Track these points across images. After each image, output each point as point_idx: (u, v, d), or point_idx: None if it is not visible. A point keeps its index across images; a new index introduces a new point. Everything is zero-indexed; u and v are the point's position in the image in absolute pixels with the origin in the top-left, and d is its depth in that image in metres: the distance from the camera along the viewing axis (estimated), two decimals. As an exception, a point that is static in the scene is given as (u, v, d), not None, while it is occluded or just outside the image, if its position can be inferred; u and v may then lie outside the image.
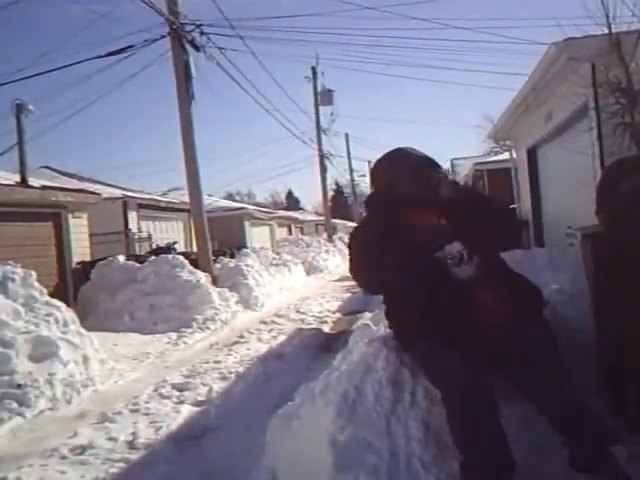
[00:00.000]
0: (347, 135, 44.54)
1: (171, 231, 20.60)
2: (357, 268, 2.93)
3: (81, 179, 19.55)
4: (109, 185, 20.06)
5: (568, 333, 3.12)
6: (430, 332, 2.69)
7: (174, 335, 9.53)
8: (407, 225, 2.82)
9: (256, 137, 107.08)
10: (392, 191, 2.90)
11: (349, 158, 46.09)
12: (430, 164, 2.94)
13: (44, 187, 12.14)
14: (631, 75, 5.91)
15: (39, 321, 6.98)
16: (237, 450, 4.32)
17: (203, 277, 11.78)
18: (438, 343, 2.66)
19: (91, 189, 15.21)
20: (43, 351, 6.36)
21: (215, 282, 12.40)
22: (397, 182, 2.88)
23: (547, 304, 2.99)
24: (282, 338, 8.97)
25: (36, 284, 7.85)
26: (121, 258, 12.31)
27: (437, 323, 2.66)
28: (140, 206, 18.13)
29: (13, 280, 7.60)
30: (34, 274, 7.95)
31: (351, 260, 2.97)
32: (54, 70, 12.89)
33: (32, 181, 12.16)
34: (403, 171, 2.89)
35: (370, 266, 2.83)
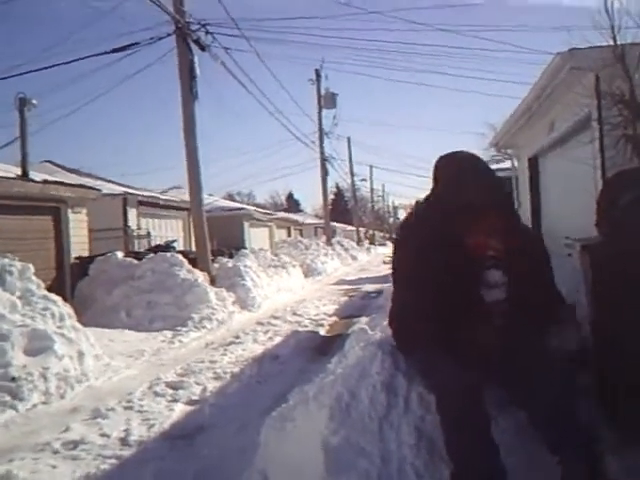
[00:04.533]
0: (349, 139, 44.68)
1: (170, 229, 20.57)
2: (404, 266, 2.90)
3: (82, 174, 19.52)
4: (110, 181, 20.03)
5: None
6: (437, 341, 2.68)
7: (170, 333, 9.52)
8: (460, 236, 2.76)
9: (258, 138, 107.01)
10: (454, 196, 2.81)
11: (350, 162, 46.23)
12: (496, 184, 2.96)
13: (45, 181, 12.13)
14: (634, 87, 5.91)
15: (35, 315, 6.97)
16: (230, 450, 4.31)
17: (201, 276, 11.77)
18: (438, 351, 2.66)
19: (92, 185, 15.19)
20: (38, 345, 6.35)
21: (213, 282, 12.40)
22: (462, 190, 2.80)
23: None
24: (278, 340, 8.97)
25: (34, 278, 7.86)
26: (119, 254, 12.31)
27: (448, 335, 2.64)
28: (140, 203, 18.10)
29: (11, 273, 7.60)
30: (32, 267, 7.96)
31: (398, 256, 2.96)
32: (59, 65, 12.92)
33: (33, 175, 12.15)
34: (472, 182, 2.82)
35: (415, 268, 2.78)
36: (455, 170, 2.91)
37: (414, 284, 2.78)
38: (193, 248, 15.15)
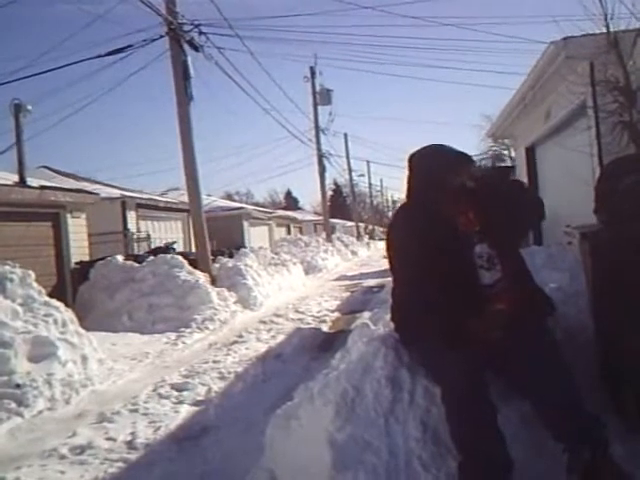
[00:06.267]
0: (346, 135, 44.61)
1: (170, 231, 20.58)
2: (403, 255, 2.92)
3: (79, 179, 19.53)
4: (108, 185, 20.03)
5: (567, 331, 3.12)
6: (439, 330, 2.69)
7: (173, 335, 9.51)
8: (447, 217, 2.84)
9: (255, 137, 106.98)
10: (433, 183, 2.91)
11: (348, 158, 46.15)
12: (468, 158, 3.03)
13: (42, 187, 12.12)
14: (629, 74, 5.91)
15: (38, 321, 6.97)
16: (236, 450, 4.31)
17: (202, 277, 11.76)
18: (441, 341, 2.67)
19: (89, 189, 15.19)
20: (42, 351, 6.35)
21: (214, 282, 12.38)
22: (438, 175, 2.91)
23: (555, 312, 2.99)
24: (281, 338, 8.96)
25: (35, 284, 7.84)
26: (120, 258, 12.30)
27: (449, 321, 2.65)
28: (139, 206, 18.11)
29: (12, 280, 7.59)
30: (32, 274, 7.94)
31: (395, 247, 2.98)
32: (52, 70, 12.87)
33: (30, 181, 12.14)
34: (445, 164, 2.94)
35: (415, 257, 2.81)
36: (434, 156, 3.03)
37: (411, 272, 2.81)
38: (193, 249, 15.14)
